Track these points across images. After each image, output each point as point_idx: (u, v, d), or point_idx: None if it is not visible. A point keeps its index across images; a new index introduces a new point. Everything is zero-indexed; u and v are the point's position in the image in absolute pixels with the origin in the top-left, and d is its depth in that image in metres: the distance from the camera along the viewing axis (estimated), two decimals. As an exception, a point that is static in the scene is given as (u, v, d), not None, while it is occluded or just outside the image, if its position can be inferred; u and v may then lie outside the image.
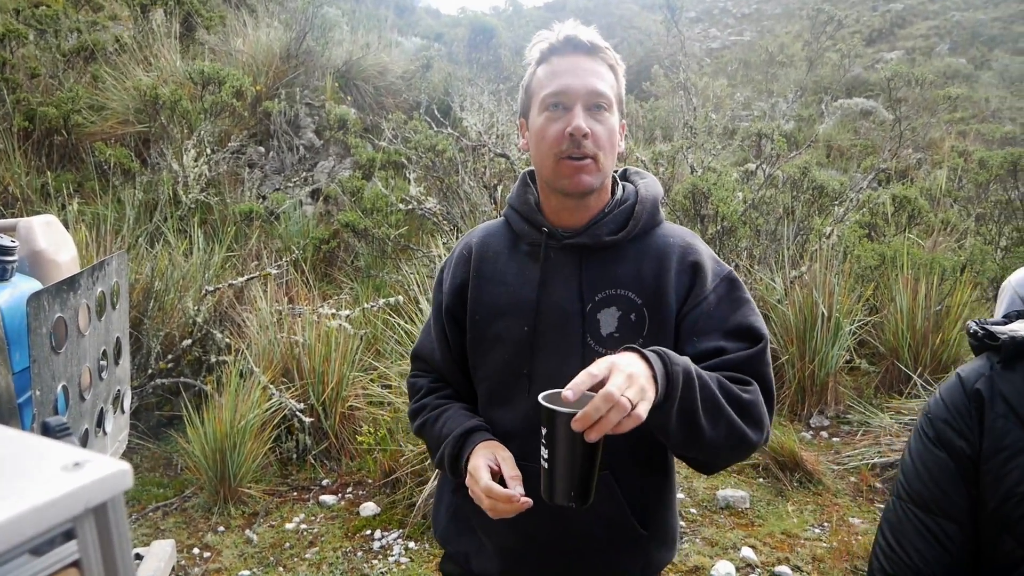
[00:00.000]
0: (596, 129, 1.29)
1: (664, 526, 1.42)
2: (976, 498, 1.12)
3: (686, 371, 1.14)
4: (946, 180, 7.92)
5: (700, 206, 5.39)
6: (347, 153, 6.85)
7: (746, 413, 1.24)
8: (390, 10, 11.99)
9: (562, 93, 1.29)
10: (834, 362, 4.56)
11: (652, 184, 1.44)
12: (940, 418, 1.17)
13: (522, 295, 1.37)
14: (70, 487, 0.47)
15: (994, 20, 25.08)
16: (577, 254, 1.36)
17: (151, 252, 4.63)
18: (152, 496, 3.66)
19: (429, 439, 1.46)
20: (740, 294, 1.36)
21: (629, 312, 1.33)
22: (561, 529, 1.35)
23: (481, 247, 1.45)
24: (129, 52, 6.86)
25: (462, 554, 1.47)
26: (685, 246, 1.37)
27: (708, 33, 30.45)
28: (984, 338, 1.17)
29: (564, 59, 1.31)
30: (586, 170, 1.30)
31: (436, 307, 1.49)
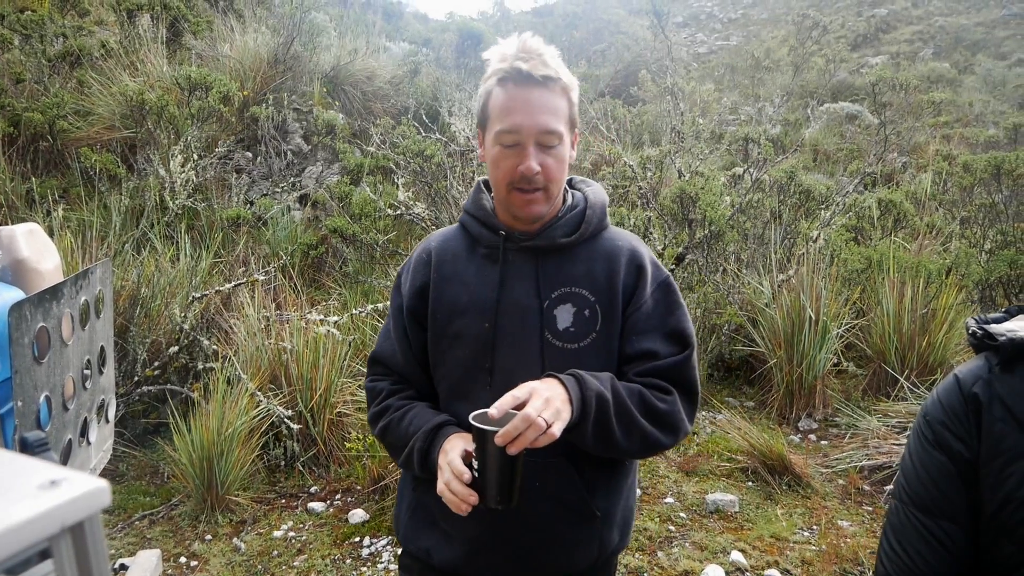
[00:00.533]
0: (547, 163, 1.40)
1: (617, 510, 1.52)
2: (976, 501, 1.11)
3: (599, 395, 1.31)
4: (931, 184, 7.98)
5: (688, 210, 5.41)
6: (335, 158, 6.83)
7: (661, 422, 1.40)
8: (378, 15, 11.98)
9: (515, 131, 1.38)
10: (822, 365, 4.59)
11: (598, 191, 1.58)
12: (938, 420, 1.16)
13: (482, 294, 1.46)
14: (46, 506, 0.46)
15: (977, 25, 25.36)
16: (534, 255, 1.47)
17: (137, 258, 4.59)
18: (138, 504, 3.63)
19: (395, 438, 1.51)
20: (675, 298, 1.51)
21: (583, 308, 1.45)
22: (523, 515, 1.41)
23: (440, 251, 1.54)
24: (115, 57, 6.82)
25: (423, 550, 1.53)
26: (632, 249, 1.51)
27: (695, 38, 30.61)
28: (983, 338, 1.16)
29: (519, 91, 1.38)
30: (536, 201, 1.42)
31: (396, 310, 1.57)
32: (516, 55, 1.39)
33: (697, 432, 4.45)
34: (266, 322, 4.22)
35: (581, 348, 1.44)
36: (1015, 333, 1.13)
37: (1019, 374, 1.10)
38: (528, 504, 1.38)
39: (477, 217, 1.53)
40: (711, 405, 4.79)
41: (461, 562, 1.49)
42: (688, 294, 5.39)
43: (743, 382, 5.21)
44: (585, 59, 15.52)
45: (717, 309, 5.28)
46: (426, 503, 1.52)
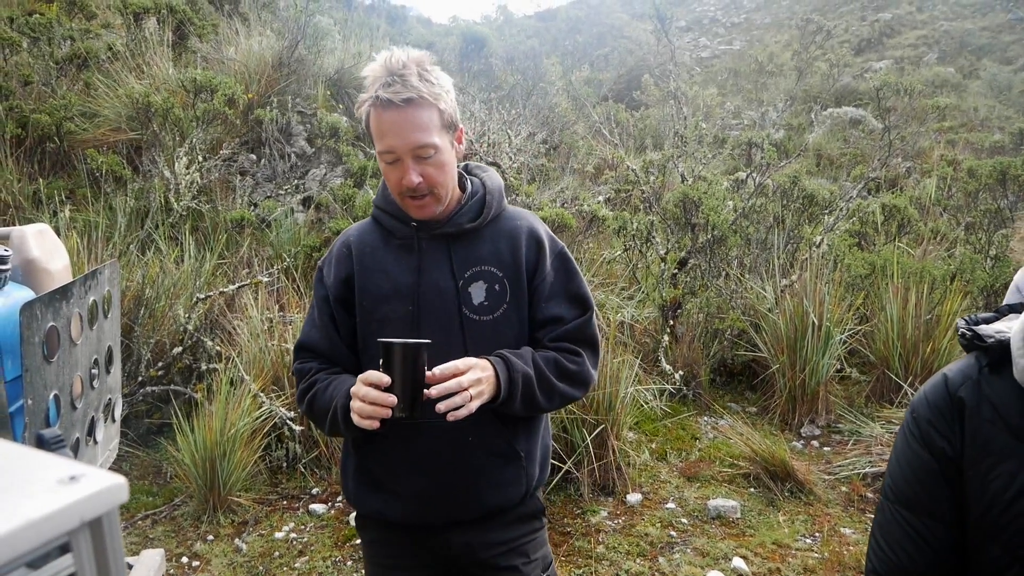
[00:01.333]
0: (427, 171, 1.55)
1: (536, 448, 1.74)
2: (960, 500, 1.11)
3: (524, 374, 1.55)
4: (935, 189, 7.98)
5: (691, 215, 5.42)
6: (339, 161, 6.85)
7: (575, 380, 1.66)
8: (382, 19, 12.02)
9: (391, 151, 1.53)
10: (825, 371, 4.58)
11: (494, 176, 1.76)
12: (924, 418, 1.16)
13: (403, 280, 1.63)
14: (66, 501, 0.47)
15: (982, 30, 25.33)
16: (445, 241, 1.64)
17: (142, 259, 4.61)
18: (141, 504, 3.64)
19: (320, 406, 1.62)
20: (572, 266, 1.73)
21: (494, 284, 1.63)
22: (458, 463, 1.62)
23: (359, 244, 1.69)
24: (122, 60, 6.85)
25: (375, 511, 1.70)
26: (530, 227, 1.70)
27: (698, 42, 30.62)
28: (973, 339, 1.16)
29: (387, 114, 1.51)
30: (426, 205, 1.58)
31: (321, 299, 1.70)
32: (383, 78, 1.51)
33: (699, 437, 4.45)
34: (269, 323, 4.23)
35: (496, 319, 1.63)
36: (1003, 334, 1.13)
37: (1007, 375, 1.09)
38: (464, 454, 1.61)
39: (388, 211, 1.68)
40: (713, 410, 4.79)
41: (411, 515, 1.66)
42: (691, 299, 5.39)
43: (745, 387, 5.21)
44: (588, 63, 15.53)
45: (720, 314, 5.29)
46: (369, 468, 1.68)
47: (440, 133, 1.56)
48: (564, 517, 3.58)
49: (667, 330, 5.10)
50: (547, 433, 1.82)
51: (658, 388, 4.57)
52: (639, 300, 5.51)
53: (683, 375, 4.82)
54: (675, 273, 5.45)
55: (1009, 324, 1.17)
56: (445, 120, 1.57)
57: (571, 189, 7.31)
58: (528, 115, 8.94)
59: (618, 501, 3.73)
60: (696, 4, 39.10)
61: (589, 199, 6.78)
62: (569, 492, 3.77)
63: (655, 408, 4.49)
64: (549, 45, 15.78)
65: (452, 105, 1.59)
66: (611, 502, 3.73)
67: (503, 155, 7.18)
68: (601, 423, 3.77)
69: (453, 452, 1.61)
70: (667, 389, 4.66)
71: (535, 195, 6.49)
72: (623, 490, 3.79)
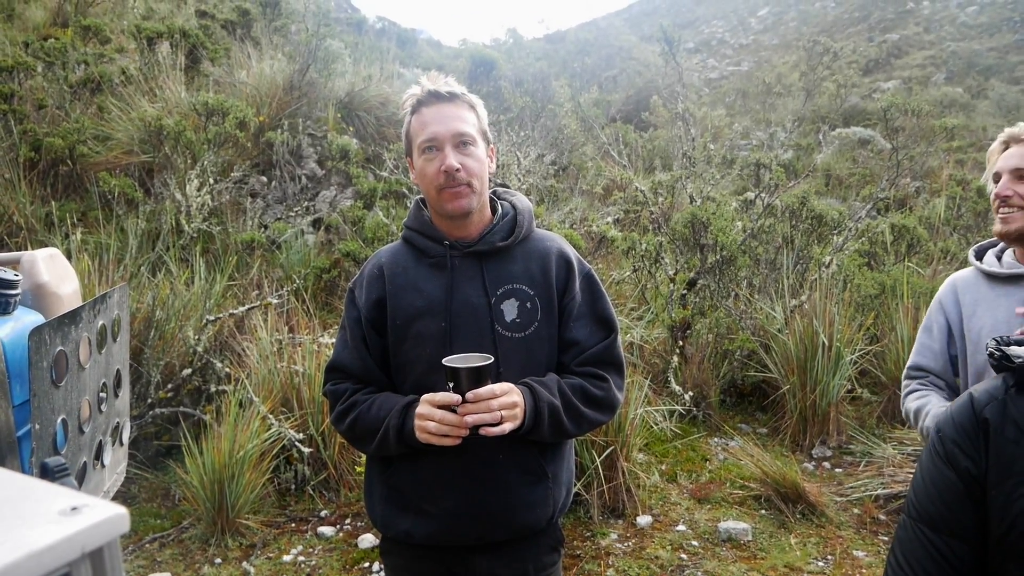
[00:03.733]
0: (465, 162, 1.62)
1: (563, 471, 1.77)
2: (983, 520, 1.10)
3: (550, 404, 1.59)
4: (945, 209, 7.95)
5: (699, 235, 5.41)
6: (349, 183, 6.90)
7: (601, 406, 1.70)
8: (392, 42, 12.15)
9: (433, 139, 1.61)
10: (835, 392, 4.54)
11: (523, 199, 1.81)
12: (950, 437, 1.15)
13: (436, 298, 1.66)
14: (67, 532, 0.47)
15: (990, 50, 25.36)
16: (477, 259, 1.69)
17: (153, 281, 4.64)
18: (149, 527, 3.63)
19: (365, 426, 1.66)
20: (599, 288, 1.78)
21: (525, 301, 1.67)
22: (489, 481, 1.65)
23: (391, 265, 1.74)
24: (135, 84, 6.95)
25: (403, 532, 1.69)
26: (560, 248, 1.77)
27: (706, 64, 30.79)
28: (1002, 359, 1.16)
29: (430, 109, 1.63)
30: (463, 194, 1.63)
31: (353, 321, 1.74)
32: (424, 86, 1.65)
33: (709, 459, 4.41)
34: (279, 345, 4.24)
35: (527, 336, 1.67)
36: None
37: None
38: (495, 472, 1.65)
39: (420, 231, 1.73)
40: (723, 431, 4.75)
41: (441, 534, 1.67)
42: (700, 319, 5.37)
43: (756, 408, 5.17)
44: (597, 85, 15.63)
45: (729, 334, 5.26)
46: (399, 487, 1.70)
47: (478, 134, 1.66)
48: (574, 540, 3.55)
49: (677, 351, 5.08)
50: (571, 457, 1.86)
51: (668, 409, 4.54)
52: (648, 320, 5.50)
53: (693, 396, 4.79)
54: (684, 294, 5.43)
55: None
56: (482, 127, 1.68)
57: (580, 210, 7.32)
58: (537, 137, 8.99)
59: (628, 523, 3.70)
60: (704, 26, 39.38)
61: (598, 220, 6.79)
62: (579, 514, 3.74)
63: (665, 429, 4.46)
64: (558, 67, 15.90)
65: (486, 121, 1.72)
66: (621, 524, 3.69)
67: (512, 177, 7.21)
68: (611, 445, 3.75)
69: (484, 470, 1.64)
70: (677, 410, 4.63)
71: (544, 216, 6.50)
72: (633, 512, 3.76)
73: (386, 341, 1.71)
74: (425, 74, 1.70)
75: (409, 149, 1.70)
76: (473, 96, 1.70)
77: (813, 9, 36.82)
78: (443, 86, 1.64)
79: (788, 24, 35.64)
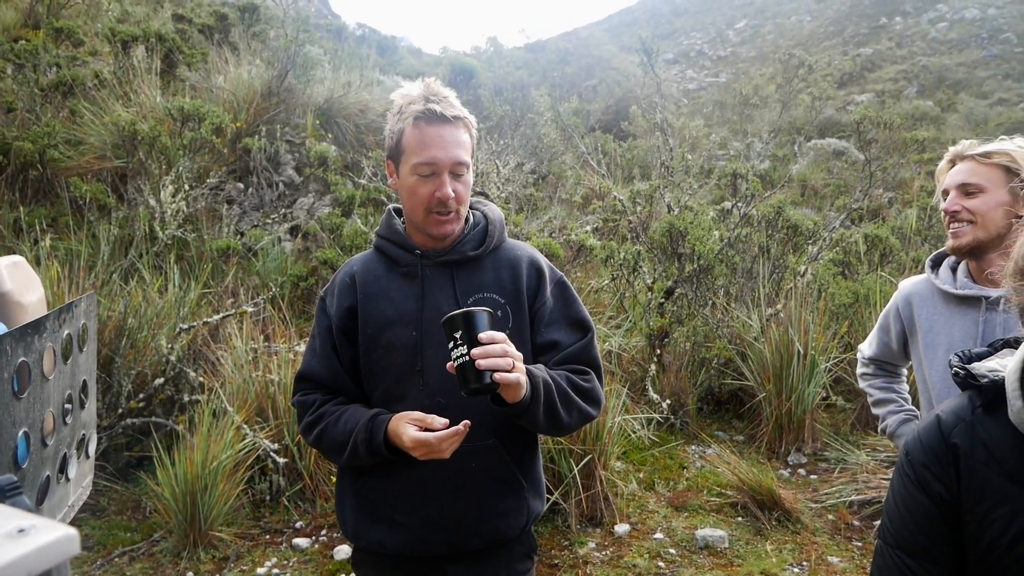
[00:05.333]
0: (458, 189, 1.64)
1: (537, 480, 1.78)
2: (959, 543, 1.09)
3: (544, 380, 1.56)
4: (916, 219, 8.07)
5: (677, 244, 5.44)
6: (327, 190, 6.85)
7: (589, 397, 1.69)
8: (372, 49, 12.12)
9: (432, 163, 1.61)
10: (810, 399, 4.58)
11: (495, 209, 1.83)
12: (919, 461, 1.13)
13: (407, 307, 1.67)
14: (12, 555, 0.45)
15: (959, 65, 25.90)
16: (449, 268, 1.70)
17: (125, 289, 4.56)
18: (119, 540, 3.56)
19: (333, 439, 1.64)
20: (571, 293, 1.79)
21: (496, 310, 1.64)
22: (462, 489, 1.64)
23: (363, 273, 1.74)
24: (109, 87, 6.85)
25: (375, 543, 1.69)
26: (530, 256, 1.78)
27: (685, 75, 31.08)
28: (966, 377, 1.14)
29: (431, 128, 1.61)
30: (450, 221, 1.66)
31: (324, 329, 1.74)
32: (426, 97, 1.63)
33: (687, 466, 4.42)
34: (254, 354, 4.19)
35: None
36: (997, 373, 1.10)
37: (1002, 416, 1.07)
38: (469, 480, 1.64)
39: (392, 240, 1.74)
40: (701, 439, 4.77)
41: (413, 544, 1.66)
42: (678, 328, 5.40)
43: (732, 416, 5.20)
44: (577, 94, 15.71)
45: (706, 343, 5.29)
46: (371, 497, 1.69)
47: (471, 157, 1.68)
48: (552, 549, 3.53)
49: (654, 359, 5.09)
50: (540, 464, 1.85)
51: (645, 417, 4.55)
52: (626, 329, 5.51)
53: (670, 404, 4.81)
54: (662, 302, 5.46)
55: (1003, 361, 1.14)
56: (473, 148, 1.70)
57: (559, 219, 7.34)
58: (516, 145, 9.00)
59: (606, 532, 3.69)
60: (683, 37, 39.79)
61: (577, 229, 6.80)
62: (557, 523, 3.72)
63: (643, 437, 4.46)
64: (538, 76, 15.95)
65: (476, 136, 1.73)
66: (599, 533, 3.68)
67: (491, 185, 7.21)
68: (588, 453, 3.74)
69: (457, 478, 1.63)
70: (655, 418, 4.64)
71: (523, 225, 6.51)
72: (611, 521, 3.75)
73: (357, 350, 1.70)
74: (413, 80, 1.70)
75: (395, 156, 1.68)
76: (470, 116, 1.70)
77: (789, 23, 37.40)
78: (448, 107, 1.63)
79: (765, 37, 36.15)
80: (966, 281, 1.97)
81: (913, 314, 2.09)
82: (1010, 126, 15.98)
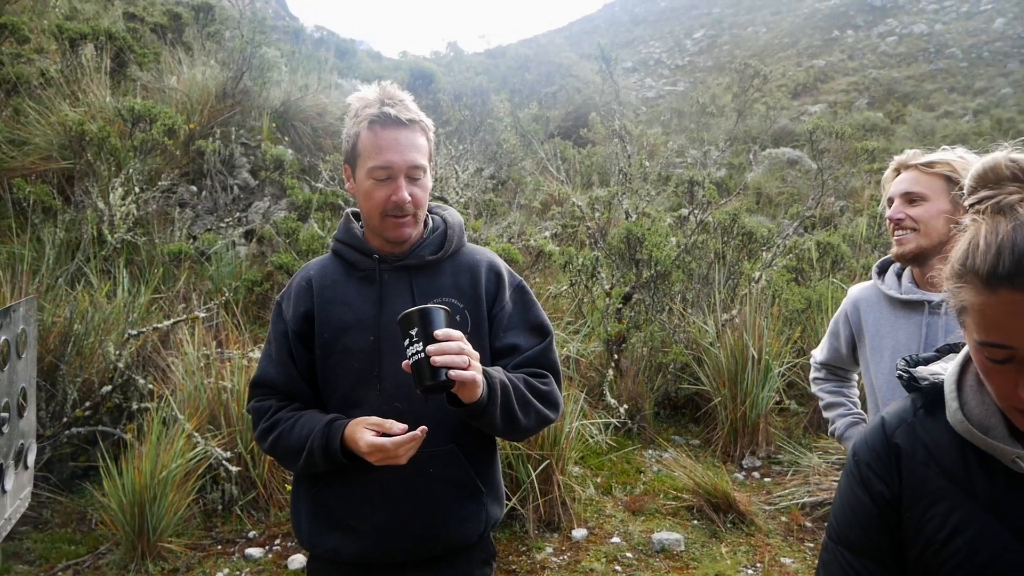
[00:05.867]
0: (415, 192, 1.63)
1: (496, 485, 1.77)
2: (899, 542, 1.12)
3: (501, 382, 1.55)
4: (866, 227, 8.29)
5: (635, 251, 5.50)
6: (283, 194, 6.76)
7: (547, 401, 1.68)
8: (330, 52, 12.01)
9: (388, 167, 1.60)
10: (764, 403, 4.66)
11: (454, 214, 1.83)
12: (864, 461, 1.17)
13: (364, 311, 1.66)
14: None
15: (907, 78, 26.74)
16: (407, 272, 1.69)
17: (71, 294, 4.43)
18: (62, 554, 3.44)
19: (289, 444, 1.62)
20: (530, 298, 1.80)
21: (455, 315, 1.65)
22: (420, 495, 1.63)
23: (320, 278, 1.72)
24: (55, 86, 6.65)
25: (331, 551, 1.66)
26: (490, 261, 1.78)
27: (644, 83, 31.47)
28: (909, 380, 1.18)
29: (387, 132, 1.61)
30: (407, 224, 1.65)
31: (280, 335, 1.71)
32: (382, 101, 1.62)
33: (644, 471, 4.45)
34: (206, 360, 4.10)
35: None
36: (938, 376, 1.15)
37: (941, 418, 1.11)
38: (426, 486, 1.62)
39: (350, 244, 1.73)
40: (657, 443, 4.81)
41: (370, 552, 1.64)
42: (635, 333, 5.44)
43: (689, 420, 5.26)
44: (536, 101, 15.79)
45: (664, 348, 5.35)
46: (326, 504, 1.67)
47: (428, 161, 1.68)
48: (509, 555, 3.52)
49: (612, 364, 5.13)
50: (499, 470, 1.84)
51: (603, 422, 4.58)
52: (585, 334, 5.54)
53: (628, 409, 4.84)
54: (620, 308, 5.50)
55: (945, 365, 1.19)
56: (430, 152, 1.70)
57: (518, 224, 7.36)
58: (476, 151, 9.00)
59: (564, 537, 3.70)
60: (642, 46, 40.31)
61: (536, 234, 6.83)
62: (515, 529, 3.72)
63: (600, 442, 4.49)
64: (498, 82, 15.99)
65: (433, 142, 1.73)
66: (556, 538, 3.69)
67: (450, 190, 7.19)
68: (546, 458, 3.75)
69: (415, 484, 1.61)
70: (612, 423, 4.67)
71: (482, 230, 6.50)
72: (568, 526, 3.76)
73: (313, 355, 1.68)
74: (369, 83, 1.69)
75: (352, 160, 1.67)
76: (427, 119, 1.69)
77: (746, 34, 38.18)
78: (403, 110, 1.62)
79: (722, 47, 36.83)
80: (910, 286, 2.03)
81: (861, 319, 2.15)
82: (955, 137, 16.55)
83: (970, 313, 0.98)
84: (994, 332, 0.95)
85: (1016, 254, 0.90)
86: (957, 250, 1.01)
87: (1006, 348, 0.94)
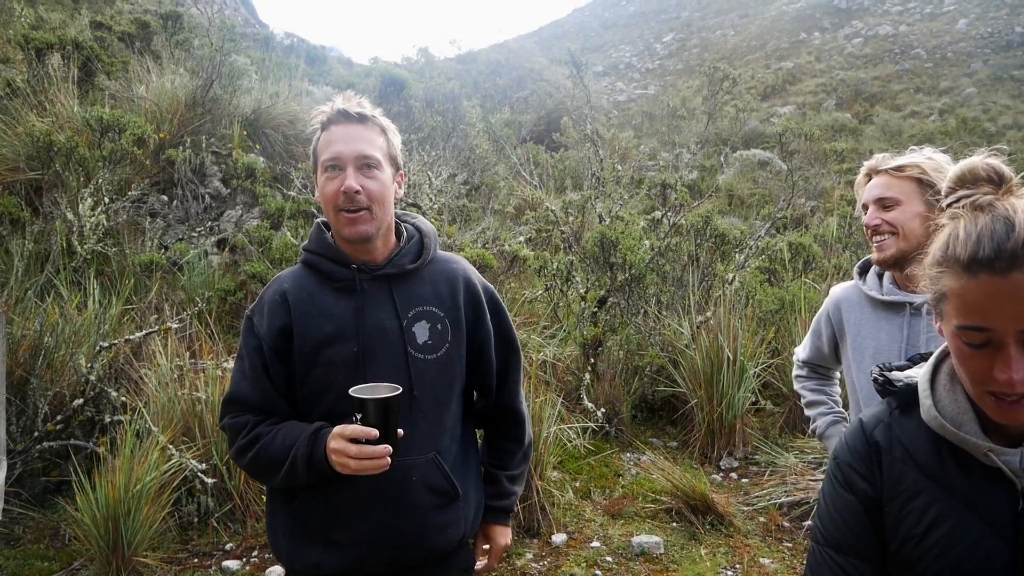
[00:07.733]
0: (367, 184, 1.60)
1: (472, 490, 1.78)
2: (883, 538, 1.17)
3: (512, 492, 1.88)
4: (837, 227, 8.43)
5: (609, 254, 5.53)
6: (255, 202, 6.70)
7: (526, 458, 1.93)
8: (301, 59, 11.91)
9: (336, 158, 1.59)
10: (740, 404, 4.71)
11: (426, 222, 1.83)
12: (846, 462, 1.22)
13: (346, 322, 1.63)
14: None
15: (874, 79, 27.21)
16: (387, 282, 1.68)
17: (41, 306, 4.35)
18: (35, 570, 3.38)
19: (269, 458, 1.59)
20: (501, 307, 1.85)
21: (436, 323, 1.68)
22: (403, 503, 1.63)
23: (296, 291, 1.68)
24: (22, 96, 6.54)
25: (312, 566, 1.64)
26: (464, 269, 1.80)
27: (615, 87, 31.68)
28: (885, 384, 1.24)
29: (338, 127, 1.62)
30: (361, 220, 1.61)
31: (253, 350, 1.66)
32: (338, 106, 1.64)
33: (622, 474, 4.48)
34: (180, 371, 4.05)
35: (439, 357, 1.68)
36: (911, 379, 1.22)
37: (916, 416, 1.17)
38: (408, 496, 1.62)
39: (325, 255, 1.69)
40: (635, 446, 4.84)
41: (352, 564, 1.63)
42: (611, 336, 5.47)
43: (666, 422, 5.30)
44: (508, 106, 15.82)
45: (639, 351, 5.38)
46: (305, 518, 1.65)
47: (385, 158, 1.64)
48: (489, 562, 3.52)
49: (589, 368, 5.15)
50: (479, 477, 1.87)
51: (581, 426, 4.60)
52: (561, 339, 5.56)
53: (605, 412, 4.87)
54: (595, 311, 5.53)
55: (919, 371, 1.25)
56: (390, 152, 1.67)
57: (492, 229, 7.36)
58: (448, 156, 9.00)
59: (543, 542, 3.71)
60: (612, 50, 40.59)
61: (510, 239, 6.84)
62: (494, 536, 3.71)
63: (578, 446, 4.50)
64: (469, 87, 16.00)
65: (398, 146, 1.71)
66: (536, 543, 3.69)
67: (424, 196, 7.19)
68: (525, 464, 3.75)
69: (395, 494, 1.61)
70: (590, 427, 4.69)
71: (456, 236, 6.50)
72: (548, 531, 3.77)
73: (291, 370, 1.65)
74: (338, 93, 1.69)
75: (315, 165, 1.68)
76: (385, 120, 1.68)
77: (714, 37, 38.62)
78: (354, 107, 1.63)
79: (691, 50, 37.21)
80: (891, 287, 2.06)
81: (842, 319, 2.18)
82: (922, 137, 16.89)
83: (950, 299, 1.04)
84: (974, 315, 1.00)
85: (995, 241, 0.97)
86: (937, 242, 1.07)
87: (984, 331, 0.99)
